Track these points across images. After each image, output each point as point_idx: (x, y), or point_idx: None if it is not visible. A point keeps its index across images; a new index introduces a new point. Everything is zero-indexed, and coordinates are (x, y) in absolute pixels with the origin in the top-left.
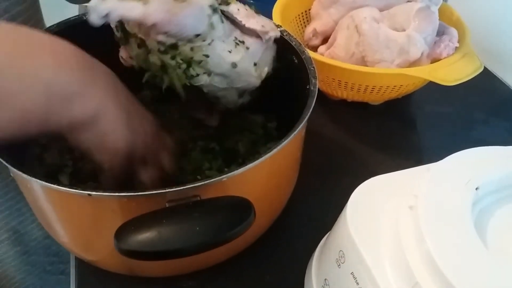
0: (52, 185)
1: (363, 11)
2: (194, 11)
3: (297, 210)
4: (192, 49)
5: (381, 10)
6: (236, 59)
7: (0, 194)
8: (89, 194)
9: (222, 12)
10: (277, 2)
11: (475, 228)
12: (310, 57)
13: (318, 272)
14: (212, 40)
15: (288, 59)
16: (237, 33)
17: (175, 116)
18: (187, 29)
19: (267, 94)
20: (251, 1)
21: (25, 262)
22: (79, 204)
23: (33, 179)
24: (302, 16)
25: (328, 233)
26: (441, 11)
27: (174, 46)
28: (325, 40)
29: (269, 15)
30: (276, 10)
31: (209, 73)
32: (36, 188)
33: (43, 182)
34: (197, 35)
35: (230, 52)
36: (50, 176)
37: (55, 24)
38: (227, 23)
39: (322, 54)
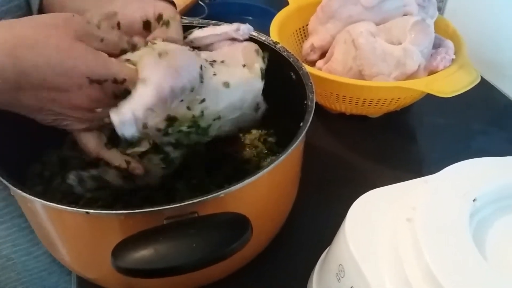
0: (50, 203)
1: (359, 26)
2: (185, 52)
3: (297, 225)
4: (188, 107)
5: (377, 24)
6: (223, 78)
7: None
8: (87, 212)
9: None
10: (274, 18)
11: (474, 239)
12: (307, 73)
13: (319, 287)
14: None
15: (286, 75)
16: (205, 56)
17: None
18: (193, 73)
19: (266, 109)
20: (250, 18)
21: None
22: (78, 222)
23: (32, 197)
24: (300, 31)
25: (328, 247)
26: (437, 24)
27: (172, 118)
28: (322, 55)
29: (266, 31)
30: (274, 26)
31: (218, 117)
32: (36, 206)
33: (42, 201)
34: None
35: (215, 74)
36: (53, 193)
37: None
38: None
39: (320, 69)
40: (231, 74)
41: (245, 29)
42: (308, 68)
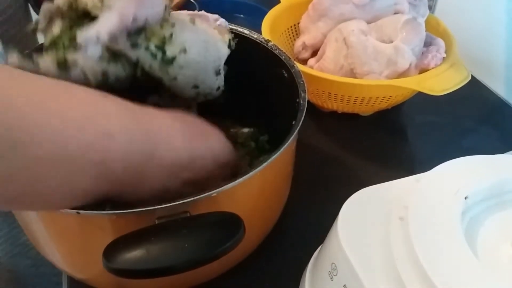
0: None
1: (350, 24)
2: None
3: (289, 223)
4: (161, 25)
5: (368, 22)
6: (191, 17)
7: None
8: (77, 212)
9: None
10: (266, 16)
11: (465, 237)
12: (299, 71)
13: (311, 286)
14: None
15: (278, 73)
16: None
17: None
18: (157, 7)
19: (257, 108)
20: (241, 16)
21: (34, 275)
22: (68, 222)
23: None
24: (291, 29)
25: (320, 246)
26: (428, 22)
27: (144, 29)
28: (314, 53)
29: (258, 29)
30: (266, 24)
31: (184, 50)
32: None
33: None
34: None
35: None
36: None
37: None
38: None
39: (311, 67)
40: (200, 22)
41: (223, 22)
42: (300, 66)
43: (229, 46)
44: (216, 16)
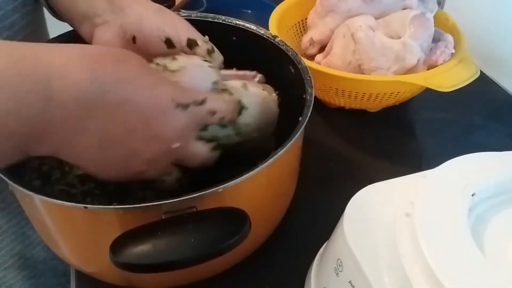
0: (49, 198)
1: (358, 20)
2: (194, 68)
3: (296, 219)
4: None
5: (376, 18)
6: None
7: (4, 221)
8: (85, 207)
9: None
10: (273, 12)
11: (472, 234)
12: (306, 67)
13: (317, 281)
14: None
15: (285, 69)
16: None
17: None
18: (200, 84)
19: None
20: (249, 11)
21: (35, 285)
22: (76, 217)
23: (31, 193)
24: (299, 25)
25: (326, 242)
26: (437, 18)
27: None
28: (322, 49)
29: (265, 25)
30: (273, 19)
31: (243, 107)
32: (34, 202)
33: (40, 196)
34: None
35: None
36: (51, 187)
37: (54, 38)
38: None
39: (319, 63)
40: (249, 84)
41: (261, 77)
42: (307, 62)
43: (277, 105)
44: (254, 72)
